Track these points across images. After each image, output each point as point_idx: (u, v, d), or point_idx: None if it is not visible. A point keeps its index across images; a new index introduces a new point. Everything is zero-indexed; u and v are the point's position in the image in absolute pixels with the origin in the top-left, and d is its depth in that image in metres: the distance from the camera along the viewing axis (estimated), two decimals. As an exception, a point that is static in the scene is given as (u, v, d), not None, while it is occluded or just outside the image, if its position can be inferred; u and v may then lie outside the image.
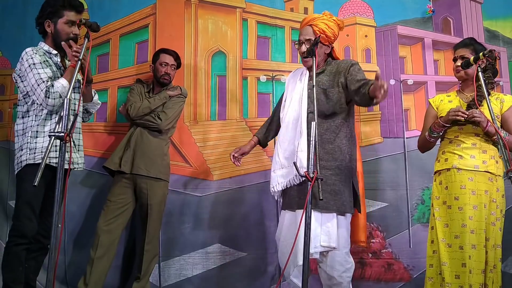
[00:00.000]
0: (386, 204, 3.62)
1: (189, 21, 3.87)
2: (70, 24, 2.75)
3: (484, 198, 2.63)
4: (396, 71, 3.81)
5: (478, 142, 2.72)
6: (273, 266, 3.60)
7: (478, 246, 2.57)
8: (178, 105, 3.47)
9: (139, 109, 3.35)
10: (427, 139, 2.85)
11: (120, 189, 3.33)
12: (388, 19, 3.87)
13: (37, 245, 2.73)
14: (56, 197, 2.11)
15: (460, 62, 2.76)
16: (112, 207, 3.29)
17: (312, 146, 2.29)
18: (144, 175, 3.32)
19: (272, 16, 3.90)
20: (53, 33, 2.77)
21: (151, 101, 3.40)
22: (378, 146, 3.71)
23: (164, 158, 3.43)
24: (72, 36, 2.75)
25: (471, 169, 2.67)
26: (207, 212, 3.67)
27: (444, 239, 2.67)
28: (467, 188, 2.65)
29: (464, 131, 2.75)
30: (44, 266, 3.43)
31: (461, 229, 2.60)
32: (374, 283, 3.55)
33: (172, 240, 3.63)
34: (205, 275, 3.59)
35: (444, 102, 2.89)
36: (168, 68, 3.47)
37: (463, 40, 2.95)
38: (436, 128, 2.78)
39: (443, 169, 2.77)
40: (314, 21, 2.79)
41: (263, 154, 3.67)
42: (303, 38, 2.82)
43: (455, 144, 2.76)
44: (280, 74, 3.83)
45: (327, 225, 2.62)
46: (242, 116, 3.81)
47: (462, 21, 3.90)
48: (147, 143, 3.37)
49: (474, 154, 2.70)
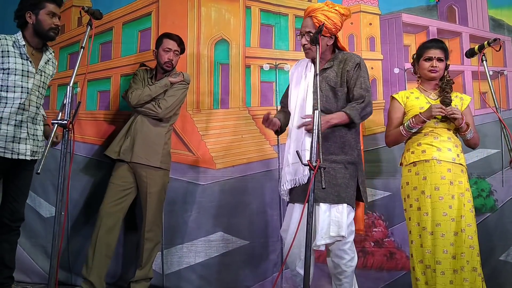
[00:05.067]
0: (388, 193, 3.63)
1: (192, 9, 3.85)
2: (52, 15, 2.87)
3: (460, 188, 2.78)
4: (400, 59, 3.79)
5: (451, 136, 2.89)
6: (275, 254, 3.62)
7: (459, 232, 2.71)
8: (180, 92, 3.42)
9: (140, 97, 3.30)
10: (403, 134, 2.93)
11: (123, 172, 3.34)
12: (392, 7, 3.83)
13: (6, 228, 2.95)
14: (58, 185, 2.13)
15: (437, 63, 2.90)
16: (115, 190, 3.31)
17: (315, 135, 2.28)
18: (144, 164, 3.31)
19: (276, 4, 3.87)
20: (34, 24, 2.86)
21: (152, 89, 3.34)
22: (381, 136, 3.70)
23: (165, 146, 3.39)
24: (53, 26, 2.87)
25: (449, 161, 2.83)
26: (209, 200, 3.67)
27: (426, 228, 2.76)
28: (446, 178, 2.79)
29: (440, 125, 2.88)
30: (47, 253, 3.48)
31: (443, 218, 2.73)
32: (376, 271, 3.56)
33: (175, 228, 3.64)
34: (207, 263, 3.61)
35: (410, 98, 3.00)
36: (171, 54, 3.41)
37: (438, 43, 2.99)
38: (415, 124, 2.85)
39: (420, 160, 2.87)
40: (314, 13, 2.73)
41: (265, 143, 3.67)
42: (303, 30, 2.77)
43: (432, 137, 2.88)
44: (284, 62, 3.81)
45: (336, 215, 2.66)
46: (245, 104, 3.80)
47: (467, 10, 3.87)
48: (148, 131, 3.34)
49: (450, 147, 2.86)
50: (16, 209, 2.97)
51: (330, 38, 2.77)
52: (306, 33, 2.74)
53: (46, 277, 2.80)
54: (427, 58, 2.93)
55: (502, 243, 3.51)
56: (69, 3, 3.93)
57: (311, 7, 2.79)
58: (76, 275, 3.53)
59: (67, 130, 2.18)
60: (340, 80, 2.76)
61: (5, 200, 2.97)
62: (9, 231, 2.98)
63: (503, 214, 3.60)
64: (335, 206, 2.67)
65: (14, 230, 3.01)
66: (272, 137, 3.70)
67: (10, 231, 2.98)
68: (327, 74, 2.77)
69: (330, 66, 2.80)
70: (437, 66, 2.90)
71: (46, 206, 3.69)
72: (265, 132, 3.71)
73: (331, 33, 2.75)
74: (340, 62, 2.79)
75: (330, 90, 2.75)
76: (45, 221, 3.65)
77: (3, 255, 2.97)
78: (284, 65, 3.79)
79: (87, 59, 3.14)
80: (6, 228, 2.96)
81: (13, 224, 2.98)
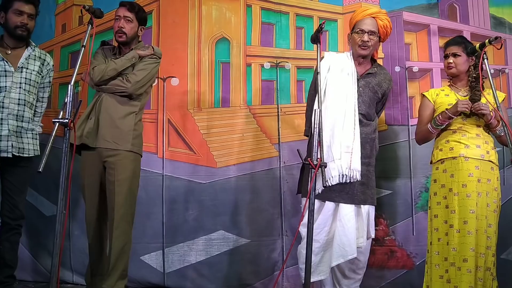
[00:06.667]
0: (390, 191, 3.62)
1: (193, 7, 3.84)
2: (18, 14, 2.94)
3: (487, 186, 2.77)
4: (401, 58, 3.78)
5: (481, 133, 2.87)
6: (276, 253, 3.62)
7: (479, 231, 2.71)
8: (151, 66, 2.97)
9: (104, 72, 2.84)
10: (430, 131, 2.94)
11: (91, 169, 2.88)
12: (393, 5, 3.82)
13: (6, 227, 2.98)
14: (60, 184, 2.13)
15: (452, 59, 2.92)
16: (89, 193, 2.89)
17: (316, 134, 2.30)
18: (112, 148, 2.84)
19: (277, 2, 3.86)
20: (4, 23, 2.97)
21: (118, 62, 2.90)
22: (383, 134, 3.69)
23: (136, 127, 2.93)
24: (19, 24, 2.94)
25: (477, 158, 2.80)
26: (211, 199, 3.68)
27: (453, 225, 2.76)
28: (474, 176, 2.77)
29: (468, 122, 2.87)
30: (49, 251, 3.49)
31: (470, 215, 2.71)
32: (377, 270, 3.56)
33: (176, 227, 3.65)
34: (208, 262, 3.62)
35: (440, 96, 3.00)
36: (121, 22, 2.95)
37: (455, 38, 3.09)
38: (442, 120, 2.86)
39: (447, 158, 2.86)
40: (377, 15, 2.91)
41: (266, 142, 3.67)
42: (366, 28, 2.89)
43: (460, 134, 2.87)
44: (284, 61, 3.80)
45: (372, 217, 2.91)
46: (246, 103, 3.80)
47: (468, 8, 3.86)
48: (115, 111, 2.87)
49: (479, 144, 2.83)
50: (15, 206, 3.00)
51: (379, 44, 3.01)
52: (371, 32, 2.88)
53: (48, 276, 2.81)
54: (445, 55, 2.98)
55: (504, 241, 3.50)
56: (70, 2, 3.94)
57: (374, 8, 3.06)
58: (78, 274, 3.54)
59: (68, 129, 2.18)
60: (378, 91, 2.98)
61: (2, 197, 3.02)
62: (9, 230, 3.00)
63: (504, 212, 3.58)
64: (368, 207, 2.89)
65: (15, 229, 3.03)
66: (273, 136, 3.70)
67: (10, 229, 3.00)
68: (370, 80, 2.97)
69: (373, 72, 3.00)
70: (452, 62, 2.92)
71: (48, 205, 3.70)
72: (266, 130, 3.71)
73: (383, 40, 3.01)
74: (379, 73, 3.02)
75: (372, 97, 2.96)
76: (47, 219, 3.66)
77: (3, 254, 2.99)
78: (285, 64, 3.79)
79: (88, 58, 3.14)
80: (6, 226, 2.99)
81: (13, 222, 3.00)
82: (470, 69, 2.93)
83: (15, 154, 2.95)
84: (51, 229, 3.41)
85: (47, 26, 3.93)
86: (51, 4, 3.96)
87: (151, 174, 3.69)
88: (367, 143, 2.90)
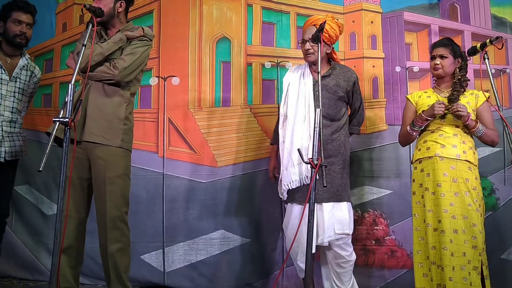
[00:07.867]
0: (390, 191, 3.62)
1: (194, 7, 3.84)
2: (17, 23, 3.01)
3: (465, 186, 2.78)
4: (402, 58, 3.78)
5: (458, 133, 2.88)
6: (276, 252, 3.62)
7: (459, 230, 2.72)
8: (141, 50, 2.70)
9: (89, 57, 2.51)
10: (410, 133, 2.97)
11: (76, 160, 2.54)
12: (394, 5, 3.82)
13: None
14: (60, 183, 2.14)
15: (439, 60, 2.94)
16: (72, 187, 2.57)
17: (316, 134, 2.32)
18: (99, 143, 2.61)
19: (277, 2, 3.86)
20: (4, 33, 3.04)
21: (104, 46, 2.63)
22: (383, 133, 3.69)
23: (126, 122, 2.70)
24: (18, 33, 3.01)
25: (453, 158, 2.83)
26: (211, 198, 3.68)
27: (430, 224, 2.80)
28: (449, 175, 2.79)
29: (446, 122, 2.90)
30: (49, 250, 3.49)
31: (443, 214, 2.75)
32: (377, 270, 3.56)
33: (176, 226, 3.65)
34: (209, 261, 3.62)
35: (422, 97, 3.04)
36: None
37: (442, 39, 3.12)
38: (419, 122, 2.90)
39: (424, 157, 2.90)
40: (318, 22, 2.90)
41: (267, 141, 3.67)
42: (307, 37, 2.97)
43: (437, 134, 2.90)
44: (285, 60, 3.80)
45: (339, 214, 2.94)
46: (246, 102, 3.80)
47: (469, 8, 3.85)
48: (102, 102, 2.64)
49: (456, 144, 2.85)
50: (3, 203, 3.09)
51: (329, 47, 3.04)
52: (310, 39, 2.92)
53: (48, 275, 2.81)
54: (432, 57, 2.99)
55: (504, 241, 3.50)
56: (71, 1, 3.94)
57: (315, 17, 3.08)
58: (78, 273, 3.54)
59: (68, 128, 2.18)
60: (339, 89, 3.05)
61: None
62: None
63: (505, 212, 3.59)
64: (337, 204, 2.95)
65: None
66: (273, 135, 3.70)
67: None
68: (326, 82, 3.03)
69: (329, 74, 3.06)
70: (439, 64, 2.93)
71: (48, 204, 3.70)
72: (266, 130, 3.71)
73: (331, 42, 3.03)
74: (338, 72, 3.09)
75: (331, 98, 3.02)
76: (47, 218, 3.66)
77: None
78: (286, 63, 3.79)
79: (88, 57, 3.12)
80: None
81: None
82: (455, 71, 2.95)
83: (8, 159, 3.03)
84: (51, 228, 3.45)
85: (48, 25, 3.94)
86: (51, 3, 3.97)
87: (152, 173, 3.70)
88: (328, 144, 2.97)
